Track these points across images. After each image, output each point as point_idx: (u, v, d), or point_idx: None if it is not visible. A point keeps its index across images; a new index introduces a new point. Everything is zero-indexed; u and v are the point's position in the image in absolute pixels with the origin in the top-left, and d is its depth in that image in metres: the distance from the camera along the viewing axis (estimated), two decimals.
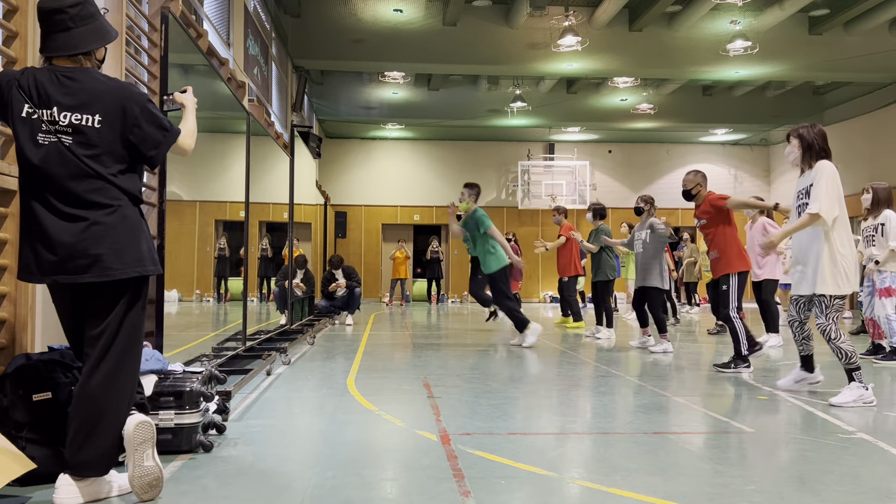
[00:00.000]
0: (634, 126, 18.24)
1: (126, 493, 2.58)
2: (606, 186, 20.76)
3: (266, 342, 7.16)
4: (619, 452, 3.23)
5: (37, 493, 2.60)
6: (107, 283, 2.52)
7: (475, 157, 20.79)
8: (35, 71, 2.53)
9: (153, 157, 2.64)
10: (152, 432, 2.59)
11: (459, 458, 3.11)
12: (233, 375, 4.87)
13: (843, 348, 4.39)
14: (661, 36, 13.65)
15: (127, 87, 2.63)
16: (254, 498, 2.58)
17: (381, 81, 16.09)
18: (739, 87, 16.98)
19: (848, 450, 3.30)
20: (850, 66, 13.89)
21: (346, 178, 20.34)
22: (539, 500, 2.56)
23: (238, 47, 9.36)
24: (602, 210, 9.19)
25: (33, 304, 3.21)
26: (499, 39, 13.61)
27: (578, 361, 6.53)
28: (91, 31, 2.56)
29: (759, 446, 3.38)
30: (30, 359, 2.80)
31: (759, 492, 2.65)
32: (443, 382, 5.23)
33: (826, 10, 13.11)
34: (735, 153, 21.26)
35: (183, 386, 3.17)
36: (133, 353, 2.60)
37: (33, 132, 2.47)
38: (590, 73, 14.70)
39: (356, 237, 20.34)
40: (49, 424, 2.70)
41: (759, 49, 12.99)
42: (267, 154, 8.02)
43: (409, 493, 2.65)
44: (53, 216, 2.47)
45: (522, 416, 4.08)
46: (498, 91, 16.96)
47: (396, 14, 13.21)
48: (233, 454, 3.18)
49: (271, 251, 9.77)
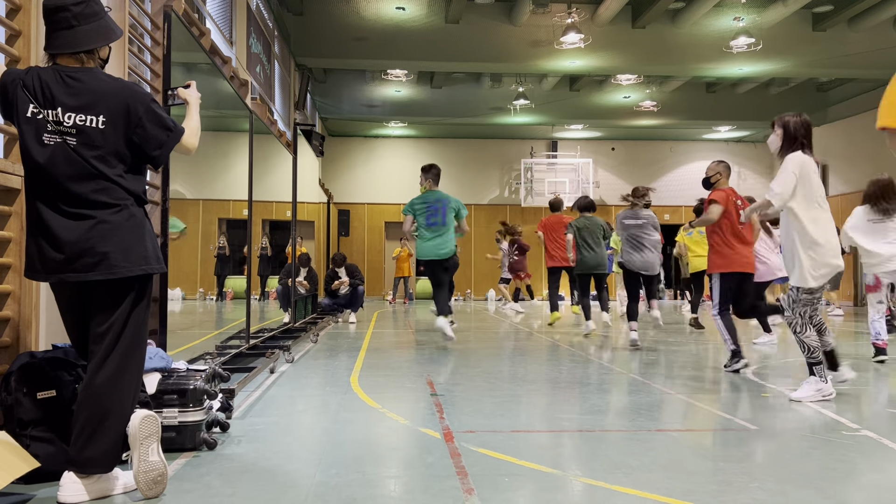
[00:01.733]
0: (638, 123, 18.22)
1: (131, 490, 2.59)
2: (610, 184, 20.74)
3: (269, 340, 7.17)
4: (622, 450, 3.22)
5: (41, 491, 2.61)
6: (112, 281, 2.52)
7: (478, 155, 20.79)
8: (40, 70, 2.53)
9: (157, 156, 2.64)
10: (157, 427, 2.60)
11: (463, 455, 3.11)
12: (236, 373, 4.88)
13: (805, 342, 4.39)
14: (664, 33, 13.63)
15: (131, 86, 2.63)
16: (258, 495, 2.58)
17: (384, 79, 16.09)
18: (743, 84, 16.94)
19: (852, 447, 3.29)
20: (854, 63, 13.85)
21: (349, 177, 20.35)
22: (542, 498, 2.57)
23: (241, 45, 9.36)
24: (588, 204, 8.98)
25: (37, 302, 3.22)
26: (502, 37, 13.60)
27: (581, 359, 6.53)
28: (95, 30, 2.56)
29: (762, 443, 3.37)
30: (34, 357, 2.80)
31: (763, 489, 2.65)
32: (446, 380, 5.23)
33: (830, 6, 13.07)
34: (738, 150, 21.22)
35: (187, 384, 3.18)
36: (138, 350, 2.61)
37: (38, 132, 2.48)
38: (593, 71, 14.69)
39: (359, 235, 20.36)
40: (53, 422, 2.71)
41: (762, 46, 12.97)
42: (270, 152, 8.03)
43: (413, 490, 2.65)
44: (59, 215, 2.48)
45: (525, 413, 4.08)
46: (501, 89, 16.95)
47: (399, 12, 13.21)
48: (237, 452, 3.18)
49: (270, 250, 9.78)
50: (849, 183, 17.76)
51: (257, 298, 9.15)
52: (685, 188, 21.14)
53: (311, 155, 11.61)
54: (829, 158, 18.63)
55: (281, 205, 9.21)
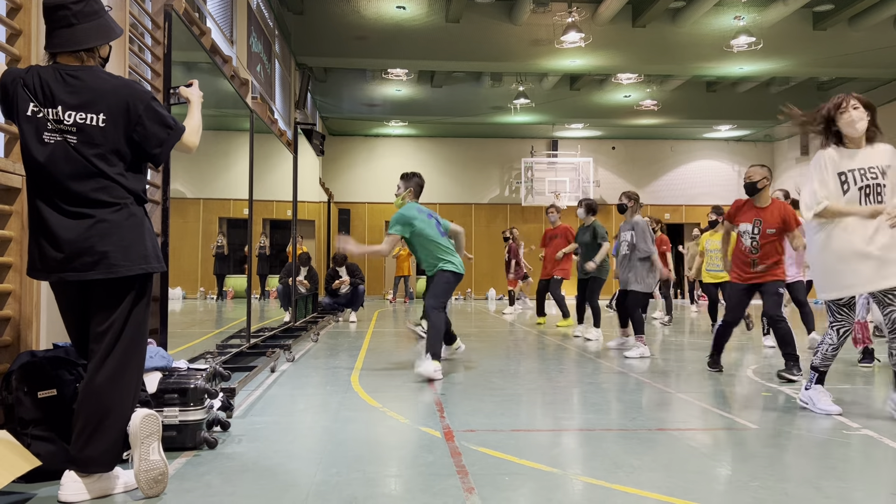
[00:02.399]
0: (638, 122, 18.21)
1: (132, 489, 2.59)
2: (610, 183, 20.74)
3: (270, 339, 7.17)
4: (622, 449, 3.23)
5: (42, 490, 2.61)
6: (112, 280, 2.53)
7: (478, 154, 20.79)
8: (40, 69, 2.53)
9: (157, 155, 2.64)
10: (158, 426, 2.60)
11: (463, 454, 3.11)
12: (237, 372, 4.88)
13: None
14: (664, 32, 13.62)
15: (131, 84, 2.63)
16: (258, 494, 2.59)
17: (384, 78, 16.08)
18: (743, 84, 16.93)
19: (852, 446, 3.29)
20: (855, 62, 13.85)
21: (350, 176, 20.35)
22: (542, 497, 2.57)
23: (241, 45, 9.37)
24: (594, 206, 8.60)
25: (38, 301, 3.22)
26: (502, 36, 13.60)
27: (581, 359, 6.52)
28: (94, 28, 2.56)
29: (762, 442, 3.37)
30: (34, 356, 2.81)
31: (763, 488, 2.65)
32: (446, 379, 5.23)
33: (830, 5, 13.07)
34: (739, 149, 21.21)
35: (187, 383, 3.18)
36: (138, 349, 2.61)
37: (39, 131, 2.48)
38: (593, 70, 14.68)
39: (360, 234, 20.35)
40: (54, 421, 2.71)
41: (763, 45, 12.97)
42: (270, 151, 8.03)
43: (413, 489, 2.65)
44: (59, 214, 2.48)
45: (526, 412, 4.08)
46: (501, 88, 16.95)
47: (399, 11, 13.20)
48: (237, 451, 3.19)
49: (269, 249, 9.78)
50: None
51: (258, 297, 9.15)
52: (686, 187, 21.14)
53: (311, 154, 11.61)
54: None
55: (281, 204, 9.21)
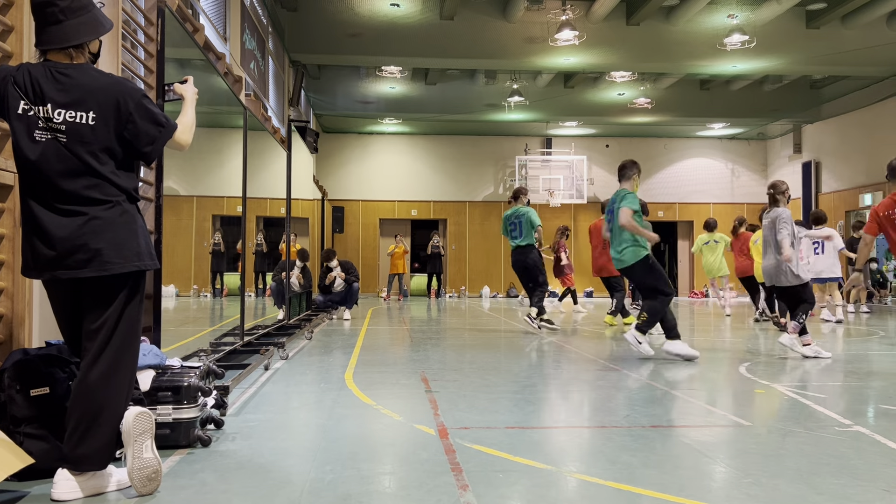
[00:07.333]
0: (632, 120, 18.24)
1: (125, 487, 2.58)
2: (604, 181, 20.76)
3: (264, 337, 7.16)
4: (616, 446, 3.23)
5: (35, 488, 2.61)
6: (105, 278, 2.52)
7: (472, 152, 20.78)
8: (31, 67, 2.52)
9: (148, 153, 2.63)
10: (151, 423, 2.59)
11: (457, 451, 3.12)
12: (231, 370, 4.87)
13: None
14: (658, 30, 13.63)
15: (122, 82, 2.61)
16: (252, 492, 2.58)
17: (378, 76, 16.06)
18: (737, 82, 16.97)
19: (844, 442, 3.31)
20: (848, 60, 13.89)
21: (344, 173, 20.32)
22: (536, 494, 2.57)
23: (235, 42, 9.33)
24: None
25: (31, 299, 3.21)
26: (496, 34, 13.59)
27: (576, 356, 6.54)
28: (83, 24, 2.54)
29: (755, 439, 3.39)
30: (27, 354, 2.80)
31: (756, 484, 2.66)
32: (440, 377, 5.23)
33: (823, 3, 13.10)
34: (732, 147, 21.27)
35: (181, 381, 3.17)
36: (131, 347, 2.60)
37: (30, 129, 2.47)
38: (587, 68, 14.69)
39: (354, 232, 20.34)
40: (47, 419, 2.70)
41: (756, 43, 12.99)
42: (264, 149, 8.01)
43: (408, 486, 2.65)
44: (51, 212, 2.47)
45: (520, 410, 4.08)
46: (495, 85, 16.94)
47: (393, 8, 13.18)
48: (231, 448, 3.18)
49: (266, 246, 9.76)
50: (842, 180, 17.82)
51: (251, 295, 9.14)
52: (679, 185, 21.18)
53: (305, 151, 11.60)
54: (821, 156, 18.68)
55: (275, 201, 9.20)
